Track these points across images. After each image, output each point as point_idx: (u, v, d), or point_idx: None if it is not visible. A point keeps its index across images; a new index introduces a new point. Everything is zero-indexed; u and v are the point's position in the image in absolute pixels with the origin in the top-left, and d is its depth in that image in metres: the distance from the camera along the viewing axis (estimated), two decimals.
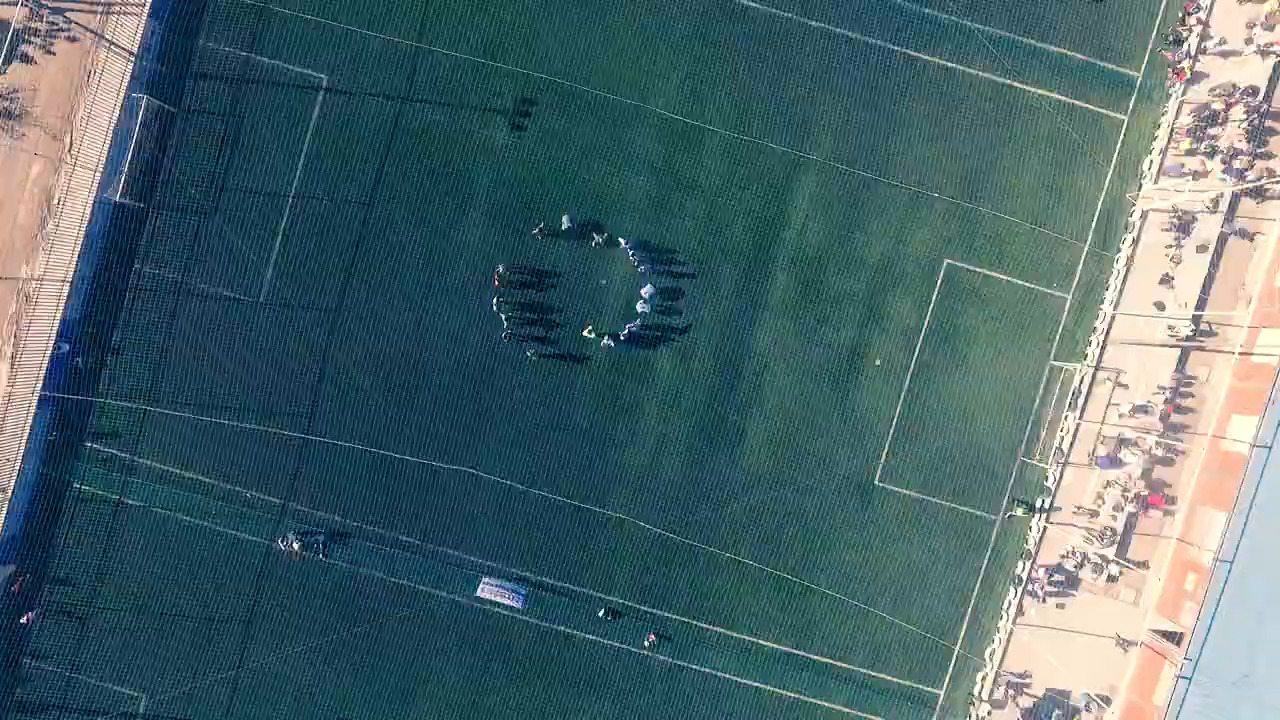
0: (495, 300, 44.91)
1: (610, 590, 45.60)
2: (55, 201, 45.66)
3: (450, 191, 45.47)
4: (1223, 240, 44.64)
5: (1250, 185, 43.94)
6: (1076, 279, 45.84)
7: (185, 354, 45.63)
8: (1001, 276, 45.74)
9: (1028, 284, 45.79)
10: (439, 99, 45.43)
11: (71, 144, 45.49)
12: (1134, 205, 45.52)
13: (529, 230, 45.01)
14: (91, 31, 45.08)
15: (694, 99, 45.52)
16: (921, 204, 45.68)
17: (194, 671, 45.45)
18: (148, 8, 44.39)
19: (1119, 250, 45.76)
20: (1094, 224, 45.79)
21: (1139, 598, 44.47)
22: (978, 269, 45.74)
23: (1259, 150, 44.39)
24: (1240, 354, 43.51)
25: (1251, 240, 44.37)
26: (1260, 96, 44.41)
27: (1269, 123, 44.72)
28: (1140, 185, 45.66)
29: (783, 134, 45.56)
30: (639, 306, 44.78)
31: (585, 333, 44.79)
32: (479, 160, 45.41)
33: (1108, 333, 45.52)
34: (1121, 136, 45.76)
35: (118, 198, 43.64)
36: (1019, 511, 45.42)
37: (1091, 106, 45.70)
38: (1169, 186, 44.95)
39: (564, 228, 44.74)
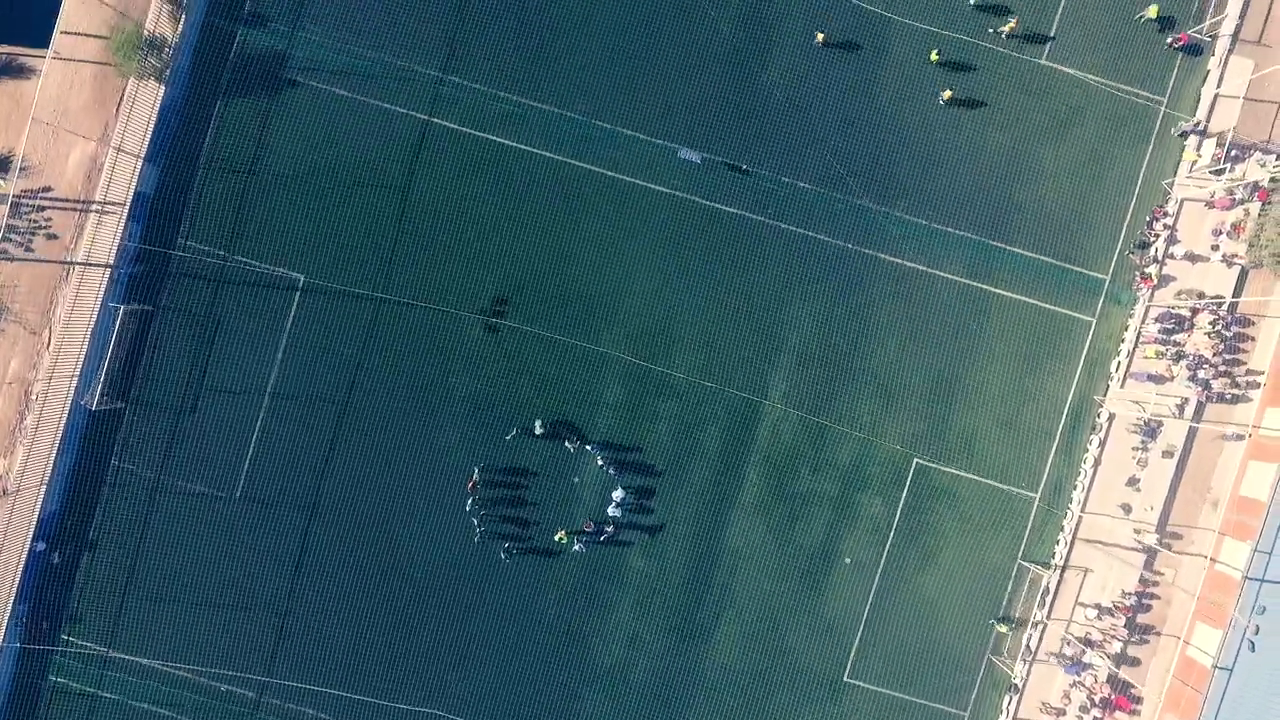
0: (470, 503, 45.34)
1: None
2: (34, 397, 46.05)
3: (426, 391, 45.94)
4: (1188, 446, 45.23)
5: (1215, 395, 44.68)
6: (1044, 479, 46.38)
7: (161, 549, 45.97)
8: (970, 476, 46.27)
9: (996, 484, 46.33)
10: (415, 299, 45.90)
11: (50, 341, 45.90)
12: (1101, 407, 46.06)
13: (503, 435, 45.43)
14: (74, 226, 45.61)
15: (667, 300, 46.06)
16: (892, 404, 46.22)
17: None
18: (127, 210, 44.81)
19: (1086, 451, 46.29)
20: (1062, 425, 46.34)
21: None
22: (947, 469, 46.27)
23: (1225, 360, 45.00)
24: (1209, 559, 44.12)
25: (1220, 448, 45.03)
26: (1225, 306, 45.04)
27: (1235, 329, 45.38)
28: (1107, 387, 46.21)
29: (754, 335, 46.12)
30: (610, 510, 45.27)
31: (557, 538, 45.24)
32: (454, 360, 45.90)
33: (1075, 533, 46.04)
34: (1089, 338, 46.35)
35: (94, 406, 44.02)
36: (1003, 628, 45.77)
37: (1060, 309, 46.30)
38: (1135, 391, 45.53)
39: (538, 432, 45.20)
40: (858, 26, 45.69)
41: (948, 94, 45.33)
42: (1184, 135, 45.94)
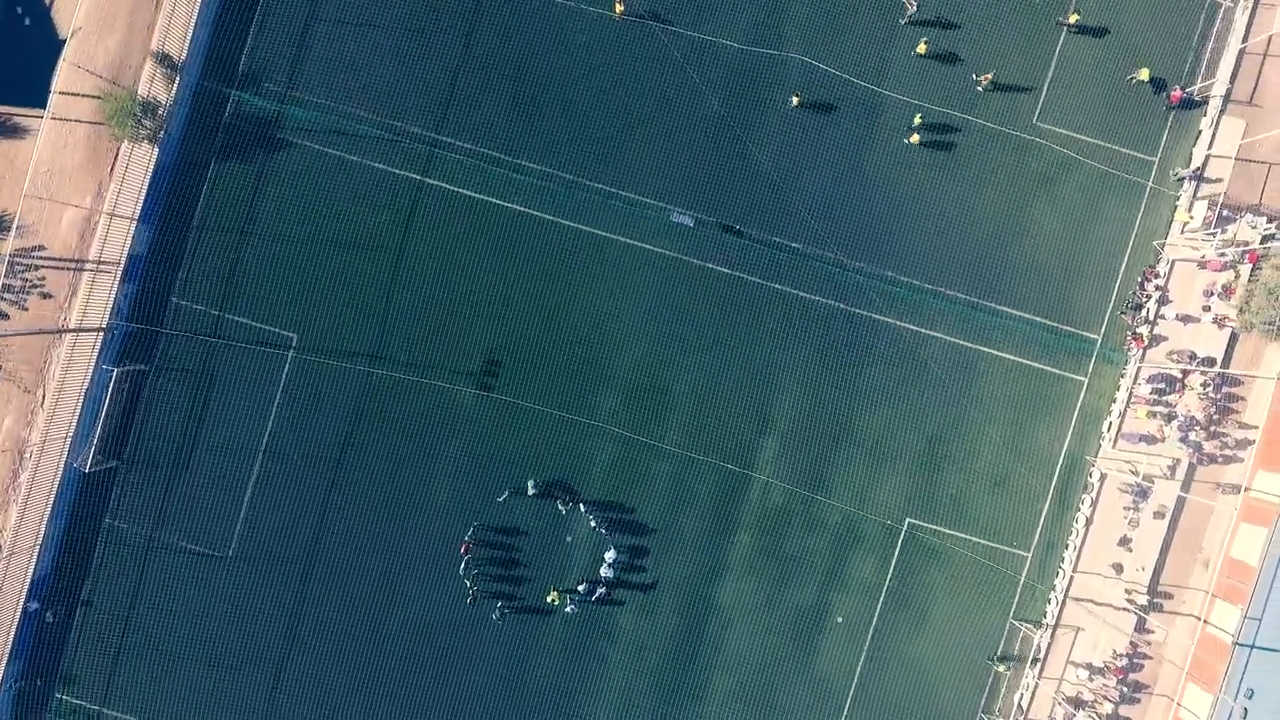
0: (463, 566, 45.40)
1: None
2: (27, 455, 46.14)
3: (419, 450, 46.02)
4: (1180, 507, 45.33)
5: (1206, 457, 44.81)
6: (1036, 538, 46.43)
7: (155, 607, 46.03)
8: (962, 535, 46.31)
9: (988, 543, 46.37)
10: (408, 358, 46.01)
11: (45, 399, 45.99)
12: (1093, 467, 46.14)
13: (496, 495, 45.52)
14: (69, 285, 45.75)
15: (659, 360, 46.18)
16: (884, 464, 46.30)
17: None
18: (120, 271, 44.91)
19: (1078, 511, 46.37)
20: (1053, 484, 46.41)
21: None
22: (939, 528, 46.32)
23: (1216, 421, 45.11)
24: (1200, 620, 44.24)
25: (1211, 508, 45.13)
26: (1216, 368, 45.15)
27: (1226, 389, 45.50)
28: (1099, 447, 46.29)
29: (747, 395, 46.20)
30: (603, 570, 45.32)
31: (549, 599, 45.29)
32: (447, 419, 45.97)
33: (1067, 592, 46.09)
34: (1081, 398, 46.42)
35: (88, 468, 44.10)
36: (1001, 668, 45.85)
37: (1052, 369, 46.37)
38: (1127, 451, 45.61)
39: (530, 493, 45.29)
40: (842, 92, 45.77)
41: (915, 137, 45.47)
42: (1181, 180, 46.02)
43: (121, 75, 45.79)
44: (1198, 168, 45.61)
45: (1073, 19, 45.50)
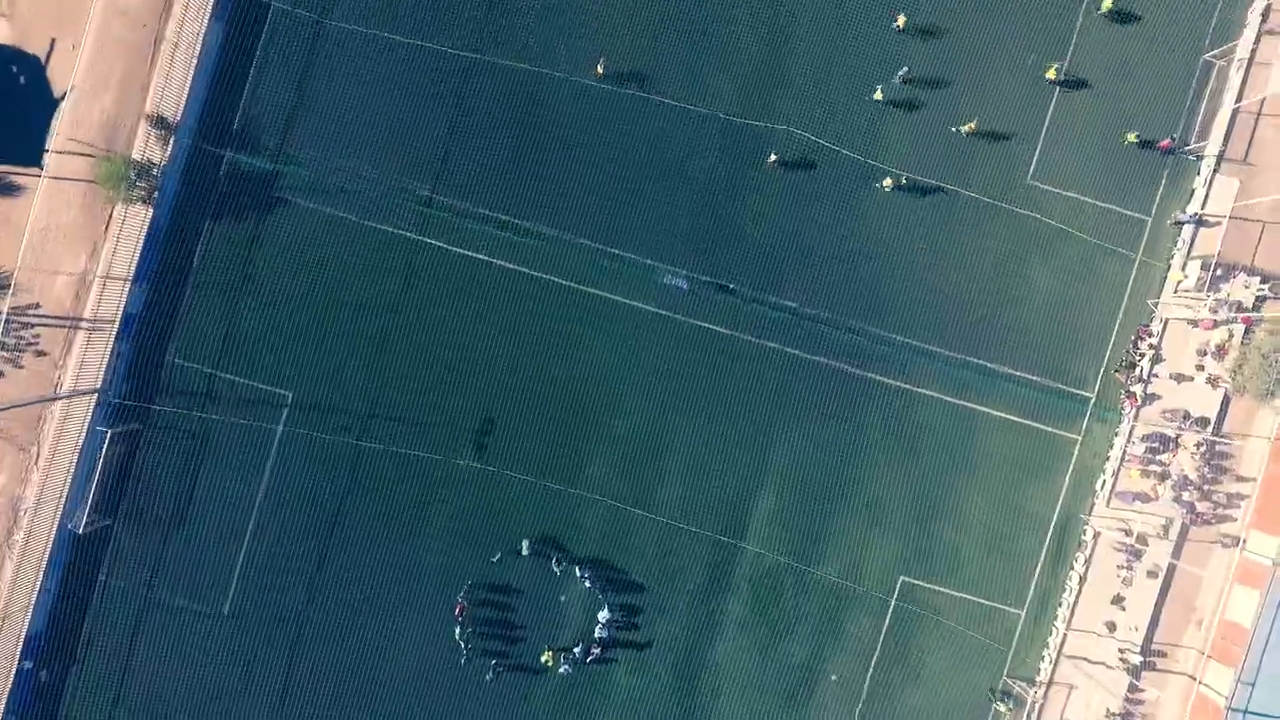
0: (457, 629, 45.41)
1: None
2: (21, 513, 46.19)
3: (413, 509, 46.09)
4: (1173, 566, 45.34)
5: (1200, 518, 44.86)
6: (1030, 596, 46.45)
7: (149, 665, 46.07)
8: (957, 593, 46.34)
9: (982, 600, 46.39)
10: (402, 416, 46.04)
11: (39, 457, 46.05)
12: (1087, 525, 46.17)
13: (489, 556, 45.57)
14: (63, 343, 45.85)
15: (655, 419, 46.22)
16: (878, 522, 46.35)
17: None
18: (115, 331, 44.95)
19: (1072, 569, 46.38)
20: (1047, 542, 46.43)
21: None
22: (933, 585, 46.35)
23: (1209, 481, 45.14)
24: (1194, 680, 44.27)
25: (1205, 566, 45.18)
26: (1210, 428, 45.19)
27: (1219, 447, 45.54)
28: (1093, 505, 46.32)
29: (742, 453, 46.26)
30: (597, 631, 45.36)
31: (544, 659, 45.32)
32: (441, 478, 46.00)
33: (1060, 650, 46.11)
34: (1075, 456, 46.46)
35: (81, 529, 44.15)
36: (1003, 708, 45.86)
37: (1046, 427, 46.41)
38: (1121, 510, 45.63)
39: (524, 553, 45.35)
40: (832, 153, 45.87)
41: (888, 181, 45.51)
42: (1179, 225, 46.02)
43: (116, 134, 45.86)
44: (1196, 212, 45.55)
45: (1050, 73, 45.49)
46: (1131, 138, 45.29)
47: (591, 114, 45.77)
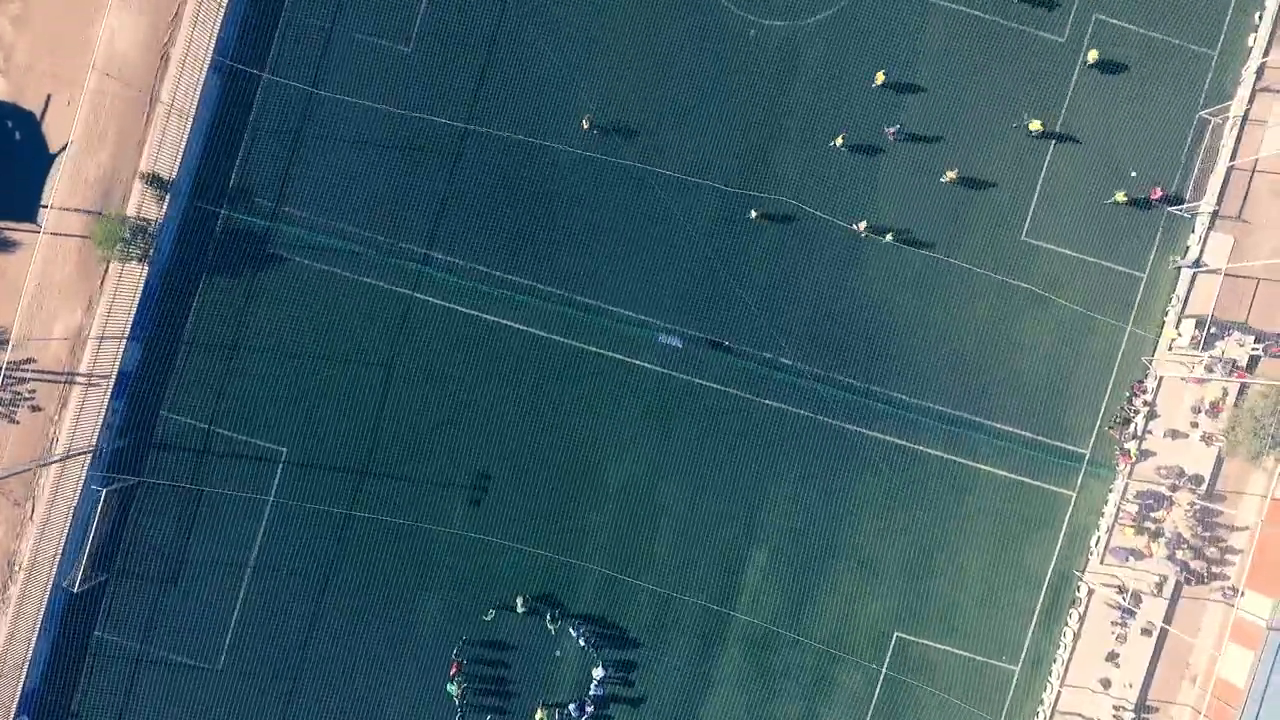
0: (452, 685, 45.43)
1: None
2: (16, 567, 46.22)
3: (408, 564, 46.11)
4: (1166, 625, 45.37)
5: (1194, 576, 44.91)
6: (1024, 652, 46.49)
7: (144, 719, 46.13)
8: (950, 649, 46.38)
9: (976, 656, 46.42)
10: (397, 473, 46.11)
11: (34, 512, 46.09)
12: (1081, 581, 46.20)
13: (484, 612, 45.59)
14: (59, 398, 45.91)
15: (649, 473, 46.28)
16: (872, 578, 46.39)
17: None
18: (110, 389, 44.99)
19: (1066, 625, 46.43)
20: (1041, 598, 46.46)
21: None
22: (927, 641, 46.39)
23: (1203, 539, 45.18)
24: None
25: (1198, 623, 45.27)
26: (1204, 486, 45.24)
27: (1213, 505, 45.57)
28: (1087, 561, 46.36)
29: (736, 509, 46.32)
30: (592, 688, 45.41)
31: (538, 716, 45.35)
32: (436, 533, 46.03)
33: (1054, 706, 46.15)
34: (1069, 512, 46.51)
35: (76, 587, 44.18)
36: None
37: (1040, 483, 46.45)
38: (1115, 566, 45.68)
39: (519, 610, 45.38)
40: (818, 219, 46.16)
41: (863, 224, 45.60)
42: (1178, 269, 46.06)
43: (112, 190, 45.92)
44: (1196, 257, 45.54)
45: (1035, 125, 45.54)
46: (1120, 197, 45.35)
47: (585, 175, 45.90)
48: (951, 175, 45.52)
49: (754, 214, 45.73)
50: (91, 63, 45.12)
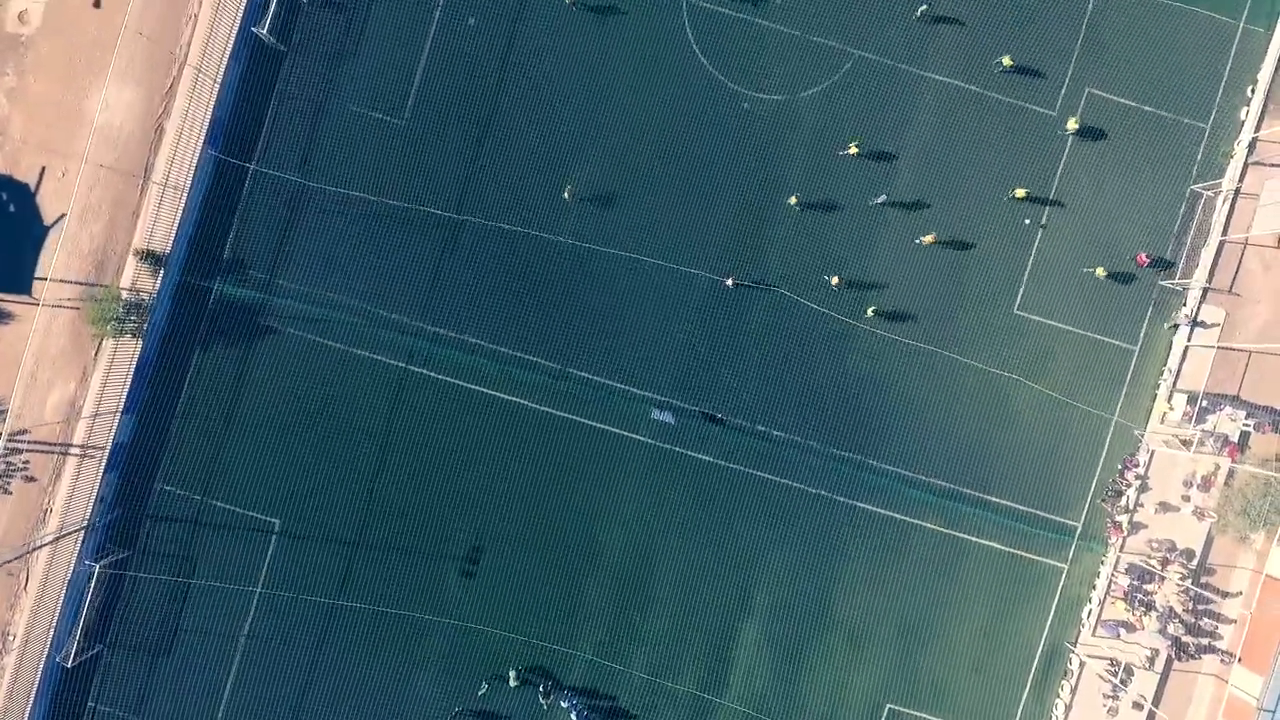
0: None
1: None
2: (10, 638, 46.26)
3: (401, 637, 46.14)
4: (1158, 699, 45.46)
5: (1186, 651, 45.01)
6: None
7: None
8: None
9: None
10: (390, 545, 46.17)
11: (27, 583, 46.12)
12: (1073, 653, 46.30)
13: (477, 685, 45.67)
14: (52, 470, 45.98)
15: (642, 545, 46.36)
16: (863, 651, 46.47)
17: None
18: (103, 463, 45.03)
19: (1057, 697, 46.51)
20: (1033, 669, 46.54)
21: None
22: (919, 713, 46.45)
23: (1194, 614, 45.28)
24: None
25: (1188, 705, 45.31)
26: (1195, 561, 45.34)
27: (1204, 579, 45.67)
28: (1079, 634, 46.46)
29: (730, 581, 46.39)
30: None
31: None
32: (429, 607, 46.07)
33: None
34: (1061, 584, 46.59)
35: (70, 663, 44.21)
36: None
37: (1032, 555, 46.54)
38: (1106, 639, 45.77)
39: (512, 683, 45.45)
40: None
41: (836, 279, 45.74)
42: (1175, 328, 46.16)
43: (106, 261, 45.99)
44: (1193, 316, 45.55)
45: (1019, 192, 45.67)
46: (1100, 272, 45.49)
47: (577, 255, 46.02)
48: (929, 239, 45.64)
49: (729, 281, 45.83)
50: (90, 135, 45.15)
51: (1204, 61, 45.96)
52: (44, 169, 46.04)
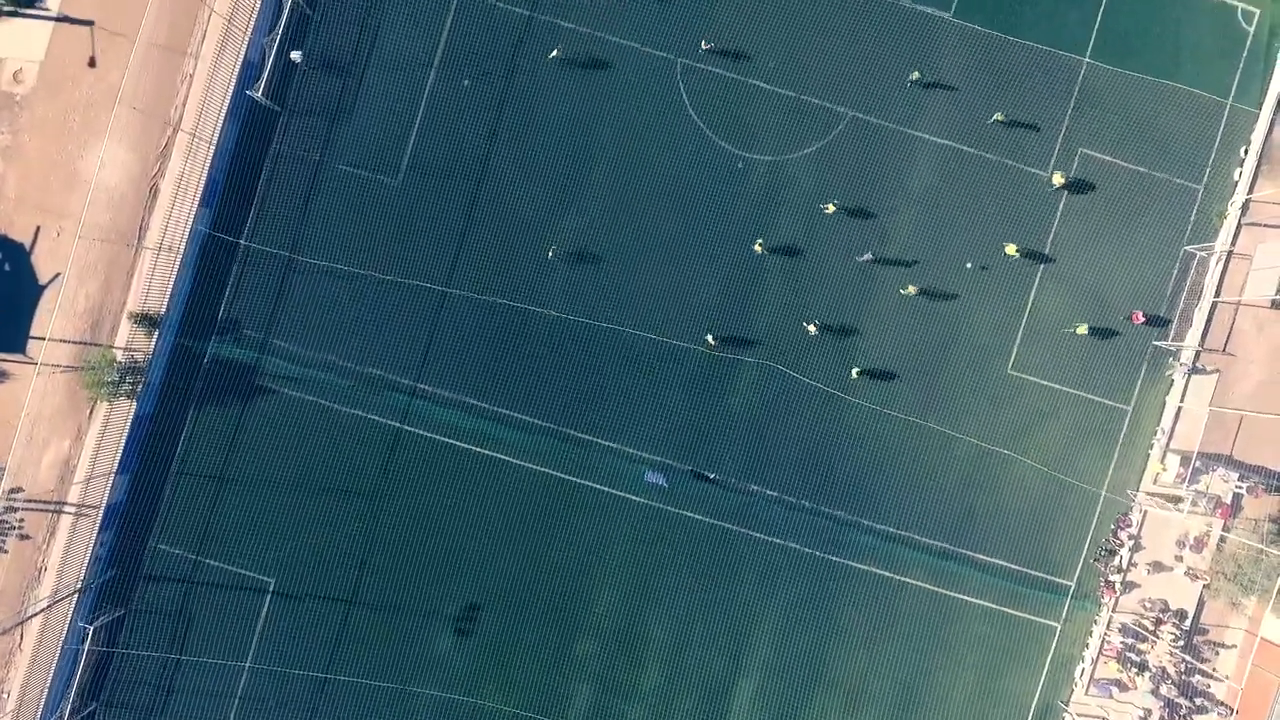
0: None
1: None
2: (4, 695, 46.33)
3: (395, 696, 46.19)
4: None
5: (1178, 713, 45.05)
6: None
7: None
8: None
9: None
10: (384, 603, 46.24)
11: (21, 641, 46.21)
12: (1066, 713, 46.35)
13: None
14: (47, 529, 46.05)
15: (636, 604, 46.41)
16: (858, 709, 46.52)
17: None
18: (99, 519, 45.10)
19: None
20: None
21: None
22: None
23: (1186, 674, 45.35)
24: None
25: None
26: (1188, 622, 45.41)
27: (1197, 639, 45.75)
28: (1072, 693, 46.51)
29: (723, 640, 46.47)
30: None
31: None
32: (423, 665, 46.16)
33: None
34: (1054, 643, 46.66)
35: None
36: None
37: (1025, 614, 46.61)
38: (1099, 698, 45.82)
39: None
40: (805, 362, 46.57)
41: (813, 326, 45.92)
42: (1172, 382, 46.18)
43: (101, 321, 46.05)
44: (1187, 362, 45.59)
45: (1010, 249, 45.85)
46: (1081, 330, 45.56)
47: (566, 322, 46.14)
48: (912, 290, 45.70)
49: (710, 341, 45.97)
50: (87, 195, 45.28)
51: (1196, 127, 46.10)
52: (39, 228, 46.11)
